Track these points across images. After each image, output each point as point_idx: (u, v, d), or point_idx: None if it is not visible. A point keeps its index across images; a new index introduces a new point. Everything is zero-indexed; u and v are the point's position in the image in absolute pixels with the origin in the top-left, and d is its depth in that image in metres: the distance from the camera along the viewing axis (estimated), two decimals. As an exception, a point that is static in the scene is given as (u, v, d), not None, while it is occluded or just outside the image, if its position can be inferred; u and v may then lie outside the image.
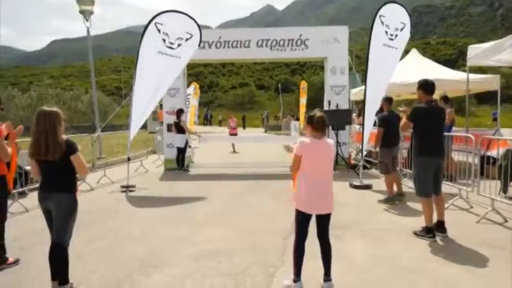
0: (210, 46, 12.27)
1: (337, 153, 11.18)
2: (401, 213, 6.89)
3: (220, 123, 49.86)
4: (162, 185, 9.93)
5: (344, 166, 11.41)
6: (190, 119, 17.99)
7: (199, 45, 9.38)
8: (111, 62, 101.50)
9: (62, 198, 3.86)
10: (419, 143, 5.46)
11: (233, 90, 75.58)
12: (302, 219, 4.03)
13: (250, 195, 8.59)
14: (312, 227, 4.03)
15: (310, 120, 4.05)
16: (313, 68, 78.40)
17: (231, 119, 18.17)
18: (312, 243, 4.04)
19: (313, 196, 3.94)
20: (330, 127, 11.27)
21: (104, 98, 48.56)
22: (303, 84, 24.72)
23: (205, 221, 6.55)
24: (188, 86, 18.40)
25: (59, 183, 3.87)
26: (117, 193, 8.96)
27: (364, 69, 9.22)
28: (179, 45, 9.29)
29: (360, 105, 14.35)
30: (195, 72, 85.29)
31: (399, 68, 9.68)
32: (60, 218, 3.86)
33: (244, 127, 41.44)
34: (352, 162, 12.24)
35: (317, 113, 4.05)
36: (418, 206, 6.52)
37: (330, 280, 4.00)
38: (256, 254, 4.95)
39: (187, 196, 8.55)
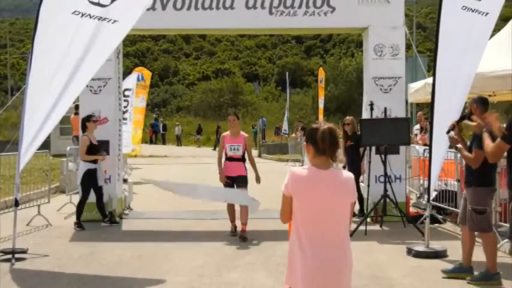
0: (164, 6, 10.48)
1: (386, 196, 9.66)
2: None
3: (178, 140, 43.33)
4: (75, 251, 8.42)
5: (398, 218, 9.77)
6: (133, 134, 15.50)
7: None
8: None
9: None
10: None
11: (203, 83, 63.22)
12: None
13: (234, 267, 7.37)
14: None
15: (311, 136, 3.41)
16: (344, 46, 67.88)
17: (232, 126, 9.19)
18: None
19: (312, 269, 3.33)
20: (373, 149, 10.01)
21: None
22: (321, 74, 21.83)
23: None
24: (127, 74, 16.01)
25: None
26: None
27: (433, 50, 8.10)
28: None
29: (426, 112, 13.06)
30: (136, 50, 73.57)
31: (491, 48, 8.70)
32: None
33: (216, 147, 35.51)
34: (412, 211, 10.66)
35: (323, 124, 3.47)
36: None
37: None
38: None
39: (119, 273, 7.15)
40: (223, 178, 8.97)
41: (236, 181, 8.96)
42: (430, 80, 9.86)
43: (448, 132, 7.27)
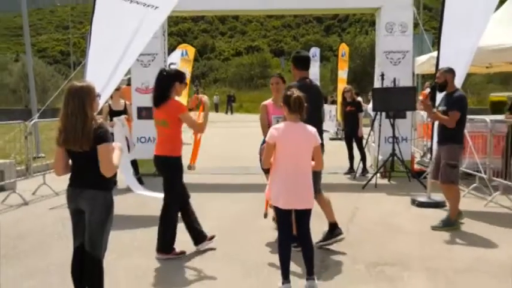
0: (202, -10, 11.20)
1: (394, 154, 10.21)
2: (482, 243, 6.16)
3: (216, 108, 45.21)
4: (128, 200, 8.50)
5: (404, 174, 10.24)
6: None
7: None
8: (54, 15, 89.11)
9: (97, 198, 3.92)
10: None
11: (236, 58, 66.63)
12: (281, 216, 4.57)
13: (271, 213, 6.95)
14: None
15: (286, 100, 4.56)
16: (359, 25, 69.89)
17: (277, 90, 6.44)
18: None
19: (290, 189, 4.50)
20: (383, 114, 10.49)
21: (43, 67, 43.37)
22: (343, 49, 21.95)
23: (193, 254, 5.76)
24: (171, 50, 16.61)
25: (93, 179, 3.89)
26: (62, 210, 7.60)
27: (438, 27, 8.09)
28: (155, -13, 7.95)
29: (431, 82, 12.85)
30: (179, 30, 77.35)
31: (492, 23, 8.43)
32: (95, 223, 3.92)
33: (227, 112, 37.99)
34: (416, 167, 11.03)
35: (295, 92, 4.57)
36: (493, 231, 6.54)
37: (312, 279, 4.52)
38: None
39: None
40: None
41: None
42: (434, 53, 9.81)
43: (430, 99, 7.38)
